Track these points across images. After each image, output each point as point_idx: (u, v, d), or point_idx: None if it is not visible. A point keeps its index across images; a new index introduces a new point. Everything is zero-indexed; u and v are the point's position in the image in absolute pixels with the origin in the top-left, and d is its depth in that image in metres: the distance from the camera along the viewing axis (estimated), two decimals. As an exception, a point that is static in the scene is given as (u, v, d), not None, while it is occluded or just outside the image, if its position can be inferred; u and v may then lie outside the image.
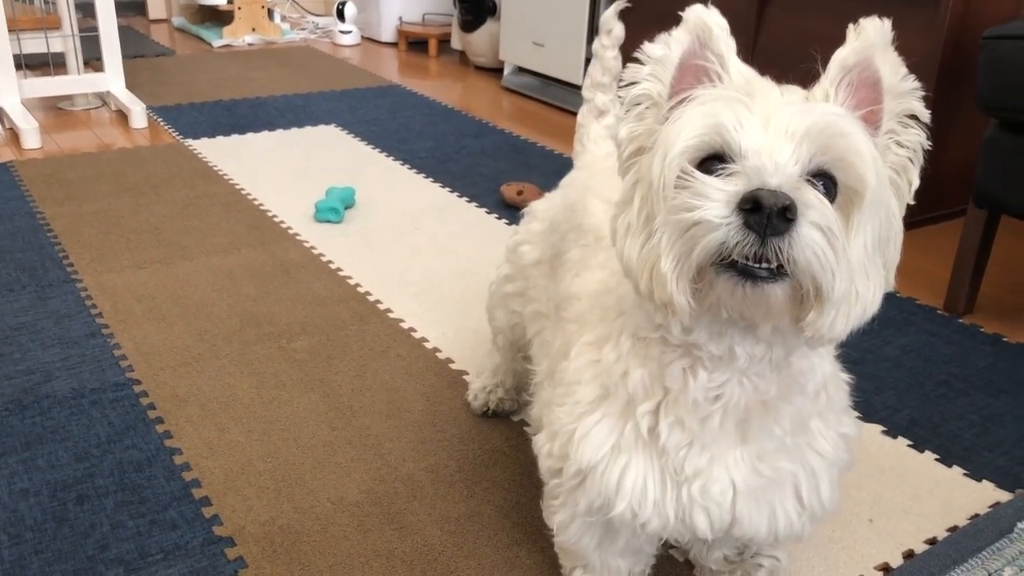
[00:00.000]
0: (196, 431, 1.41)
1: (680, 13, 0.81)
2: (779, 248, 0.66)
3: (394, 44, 4.43)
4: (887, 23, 0.76)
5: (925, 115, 0.77)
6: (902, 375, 1.62)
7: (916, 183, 0.78)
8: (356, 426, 1.43)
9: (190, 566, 1.13)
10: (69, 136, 2.90)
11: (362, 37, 4.52)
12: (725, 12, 0.82)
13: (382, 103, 3.35)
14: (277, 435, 1.40)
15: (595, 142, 1.28)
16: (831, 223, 0.67)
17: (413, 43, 4.40)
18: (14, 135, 2.83)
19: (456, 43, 4.03)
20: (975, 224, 1.80)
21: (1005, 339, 1.76)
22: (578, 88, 3.29)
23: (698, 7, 0.80)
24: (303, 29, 4.81)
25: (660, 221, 0.72)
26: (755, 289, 0.69)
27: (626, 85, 0.81)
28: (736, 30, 0.80)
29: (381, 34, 4.43)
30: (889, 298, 2.02)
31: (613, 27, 1.28)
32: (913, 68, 0.79)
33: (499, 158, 2.77)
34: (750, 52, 2.62)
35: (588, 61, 3.57)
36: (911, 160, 0.77)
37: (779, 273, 0.68)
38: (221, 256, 2.03)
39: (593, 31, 3.16)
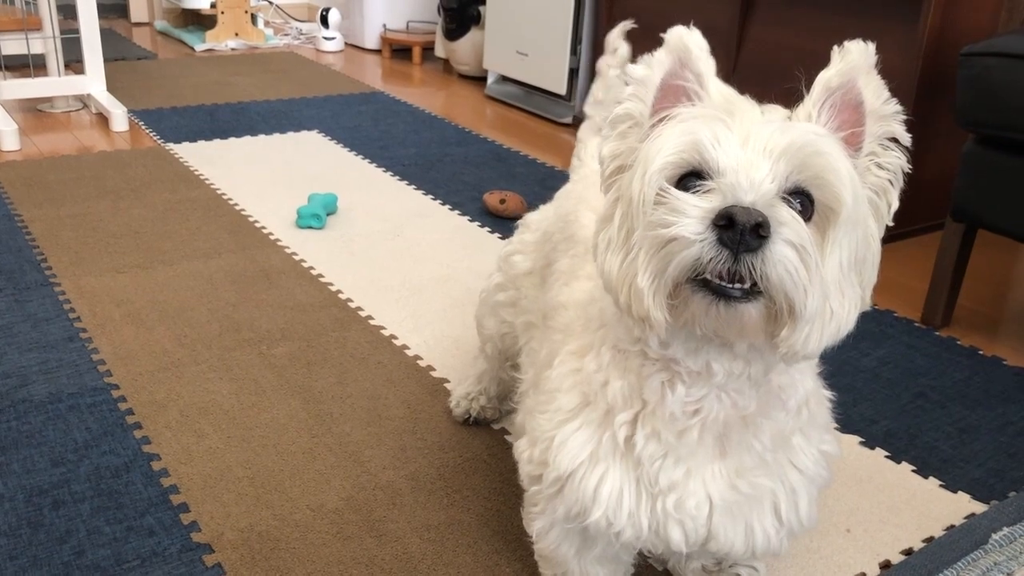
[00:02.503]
0: (174, 437, 1.40)
1: (662, 35, 0.83)
2: (752, 265, 0.67)
3: (378, 51, 4.43)
4: (871, 47, 0.77)
5: (906, 138, 0.78)
6: (880, 387, 1.64)
7: (895, 205, 0.79)
8: (336, 433, 1.43)
9: (168, 572, 1.12)
10: (49, 138, 2.88)
11: (346, 44, 4.52)
12: (707, 29, 0.84)
13: (365, 110, 3.35)
14: (256, 441, 1.40)
15: (593, 157, 1.29)
16: (804, 241, 0.68)
17: (397, 50, 4.40)
18: (-7, 137, 2.80)
19: (440, 51, 4.04)
20: (953, 238, 1.83)
21: (981, 352, 1.78)
22: (561, 98, 3.31)
23: (679, 28, 0.81)
24: (286, 35, 4.80)
25: (637, 237, 0.73)
26: (728, 308, 0.70)
27: (610, 104, 0.84)
28: (718, 46, 0.81)
29: (365, 41, 4.42)
30: (866, 311, 2.03)
31: (618, 47, 1.29)
32: (891, 83, 0.80)
33: (482, 166, 2.77)
34: (732, 68, 2.64)
35: (572, 71, 3.56)
36: (891, 182, 0.78)
37: (752, 292, 0.69)
38: (201, 261, 2.02)
39: (577, 41, 3.18)
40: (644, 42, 0.85)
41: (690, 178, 0.72)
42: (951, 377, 1.68)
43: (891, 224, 0.80)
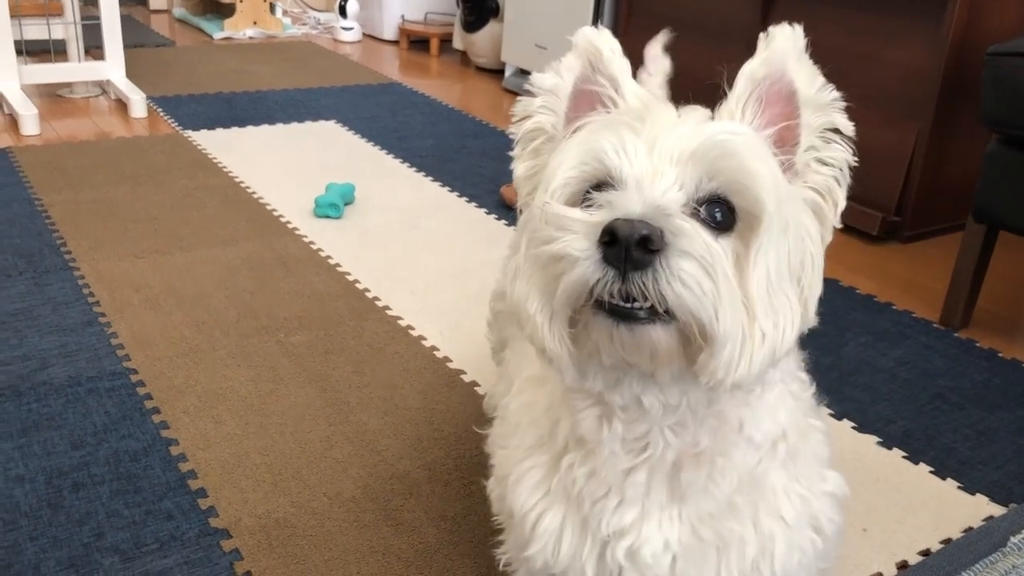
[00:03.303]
0: (192, 422, 1.40)
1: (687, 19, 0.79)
2: (643, 284, 0.59)
3: (395, 42, 4.42)
4: (799, 29, 0.69)
5: (849, 128, 0.70)
6: (897, 387, 1.63)
7: (842, 204, 0.70)
8: (353, 422, 1.43)
9: (185, 556, 1.13)
10: (68, 124, 2.89)
11: (363, 34, 4.52)
12: (727, 24, 0.82)
13: (382, 101, 3.35)
14: (274, 429, 1.40)
15: None
16: (709, 252, 0.60)
17: (414, 42, 4.40)
18: (13, 121, 2.82)
19: (458, 43, 4.03)
20: (974, 239, 1.81)
21: (1000, 355, 1.77)
22: (579, 92, 3.29)
23: (587, 29, 0.76)
24: (304, 24, 4.80)
25: (523, 256, 0.66)
26: (632, 332, 0.61)
27: (518, 120, 0.77)
28: (738, 43, 0.78)
29: (383, 32, 4.42)
30: (885, 310, 2.02)
31: (658, 58, 1.20)
32: (914, 83, 0.76)
33: (499, 159, 2.77)
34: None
35: (591, 65, 3.51)
36: (836, 179, 0.70)
37: (657, 312, 0.61)
38: (219, 248, 2.03)
39: (596, 35, 3.16)
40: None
41: (604, 190, 0.65)
42: (970, 379, 1.67)
43: (839, 227, 0.71)
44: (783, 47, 0.69)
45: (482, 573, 1.14)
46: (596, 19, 3.15)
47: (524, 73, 3.61)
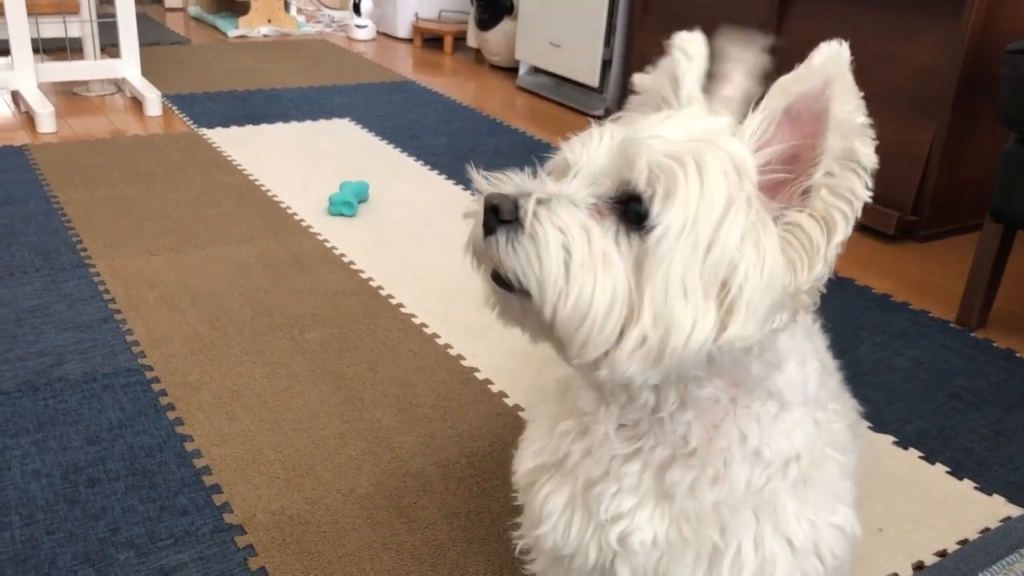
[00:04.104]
0: (207, 419, 1.41)
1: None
2: (492, 245, 0.66)
3: (409, 40, 4.43)
4: (845, 48, 0.65)
5: (871, 160, 0.65)
6: (913, 387, 1.62)
7: (841, 236, 0.65)
8: (367, 419, 1.43)
9: (200, 552, 1.13)
10: (84, 121, 2.90)
11: (377, 32, 4.53)
12: (743, 22, 0.82)
13: (396, 99, 3.35)
14: (288, 425, 1.40)
15: None
16: (552, 238, 0.63)
17: (428, 40, 4.40)
18: (30, 119, 2.83)
19: (472, 41, 4.03)
20: (991, 238, 1.80)
21: (1018, 354, 1.75)
22: (594, 90, 3.29)
23: (682, 32, 0.78)
24: (318, 22, 4.82)
25: None
26: (503, 297, 0.68)
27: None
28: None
29: (397, 30, 4.43)
30: (901, 310, 2.00)
31: (740, 83, 1.08)
32: (931, 81, 0.75)
33: (513, 157, 2.76)
34: (768, 61, 2.62)
35: (605, 63, 3.54)
36: (842, 213, 0.65)
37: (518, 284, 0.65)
38: (234, 246, 2.03)
39: (611, 33, 3.16)
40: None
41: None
42: (986, 379, 1.66)
43: (830, 261, 0.66)
44: (826, 63, 0.66)
45: (495, 570, 1.14)
46: (611, 17, 3.14)
47: (538, 71, 3.61)
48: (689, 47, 0.77)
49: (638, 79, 0.80)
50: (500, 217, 0.65)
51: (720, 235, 0.63)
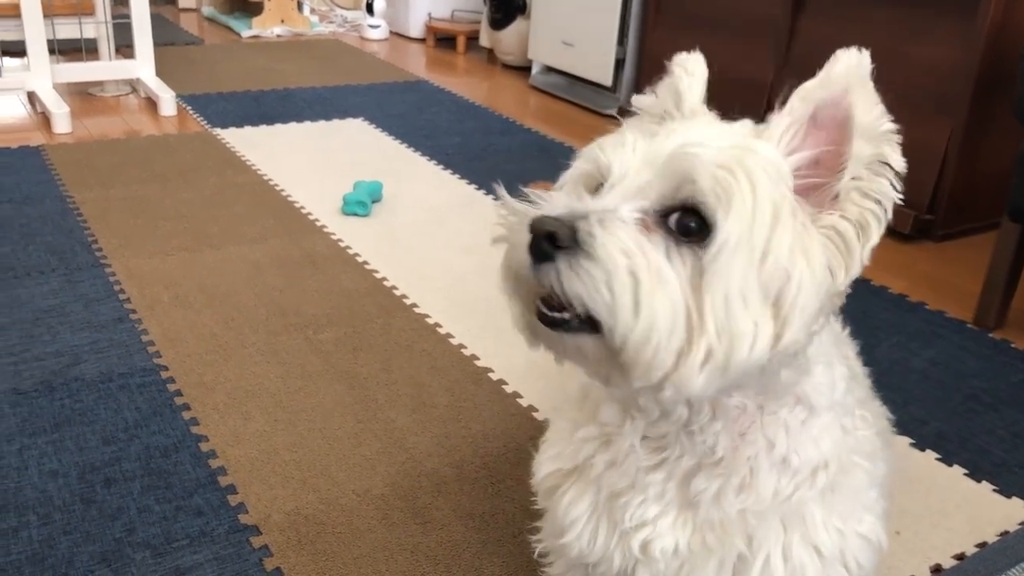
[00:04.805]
0: (222, 419, 1.41)
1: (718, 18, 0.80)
2: (549, 276, 0.62)
3: (422, 40, 4.43)
4: (866, 55, 0.67)
5: (901, 164, 0.66)
6: (930, 388, 1.61)
7: (875, 240, 0.67)
8: (381, 419, 1.43)
9: (215, 552, 1.14)
10: (99, 122, 2.92)
11: (390, 32, 4.53)
12: (757, 21, 0.81)
13: (409, 98, 3.35)
14: (303, 425, 1.41)
15: None
16: (618, 260, 0.61)
17: (441, 39, 4.40)
18: (45, 119, 2.85)
19: (484, 40, 4.03)
20: (1009, 238, 1.79)
21: (1035, 355, 1.74)
22: (607, 89, 3.29)
23: (682, 54, 0.77)
24: (331, 22, 4.82)
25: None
26: (562, 338, 0.65)
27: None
28: (768, 39, 0.77)
29: (409, 29, 4.43)
30: (917, 310, 1.99)
31: None
32: (947, 79, 0.74)
33: (526, 157, 2.76)
34: (782, 62, 2.61)
35: (618, 62, 3.53)
36: (875, 215, 0.66)
37: (585, 322, 0.63)
38: (248, 246, 2.04)
39: (624, 32, 3.15)
40: (693, 36, 0.83)
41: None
42: (1005, 380, 1.65)
43: (867, 263, 0.68)
44: (846, 71, 0.66)
45: (510, 571, 1.13)
46: (624, 16, 3.13)
47: (551, 71, 3.60)
48: (690, 65, 0.76)
49: (636, 100, 0.79)
50: (559, 243, 0.61)
51: (773, 242, 0.63)
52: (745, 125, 0.70)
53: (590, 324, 0.63)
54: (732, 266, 0.62)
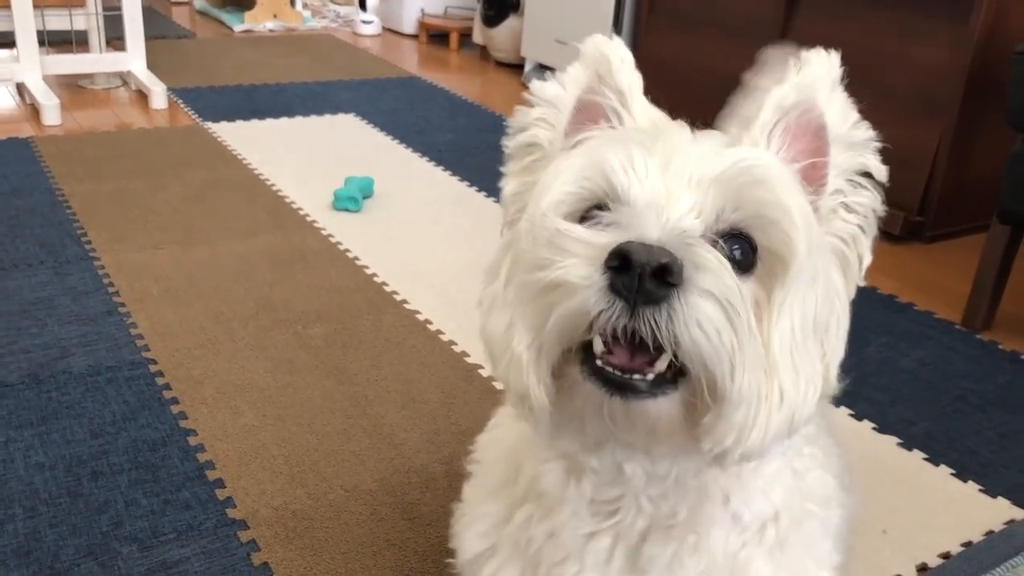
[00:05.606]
0: (211, 413, 1.41)
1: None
2: (655, 322, 0.50)
3: (415, 36, 4.42)
4: (835, 57, 0.62)
5: (881, 172, 0.62)
6: (918, 388, 1.62)
7: (868, 258, 0.63)
8: (371, 415, 1.43)
9: (203, 546, 1.13)
10: (89, 114, 2.90)
11: (383, 28, 4.52)
12: (751, 21, 0.79)
13: (401, 94, 3.35)
14: (291, 421, 1.40)
15: None
16: (732, 295, 0.51)
17: (434, 36, 4.40)
18: (35, 111, 2.83)
19: (477, 37, 4.03)
20: (998, 240, 1.80)
21: (1023, 357, 1.75)
22: (599, 87, 3.28)
23: (598, 37, 0.67)
24: (324, 17, 4.81)
25: (514, 283, 0.58)
26: (627, 406, 0.53)
27: (513, 133, 0.69)
28: (761, 40, 0.73)
29: (402, 25, 4.42)
30: (906, 311, 2.00)
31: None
32: (938, 81, 0.73)
33: (518, 154, 2.76)
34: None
35: (611, 61, 3.50)
36: (861, 228, 0.62)
37: (664, 383, 0.52)
38: (239, 240, 2.03)
39: (618, 31, 3.15)
40: (686, 35, 0.81)
41: (602, 212, 0.57)
42: (992, 381, 1.66)
43: (863, 284, 0.64)
44: (816, 74, 0.61)
45: (498, 568, 1.13)
46: (617, 14, 3.13)
47: (544, 68, 3.60)
48: (616, 51, 0.66)
49: (538, 88, 0.68)
50: (668, 279, 0.50)
51: (821, 274, 0.58)
52: (716, 134, 0.63)
53: (668, 382, 0.53)
54: (796, 300, 0.55)
